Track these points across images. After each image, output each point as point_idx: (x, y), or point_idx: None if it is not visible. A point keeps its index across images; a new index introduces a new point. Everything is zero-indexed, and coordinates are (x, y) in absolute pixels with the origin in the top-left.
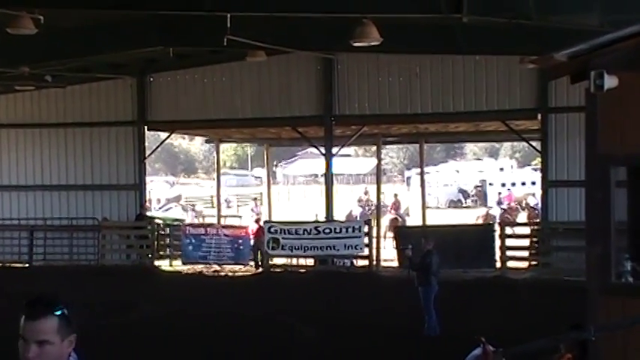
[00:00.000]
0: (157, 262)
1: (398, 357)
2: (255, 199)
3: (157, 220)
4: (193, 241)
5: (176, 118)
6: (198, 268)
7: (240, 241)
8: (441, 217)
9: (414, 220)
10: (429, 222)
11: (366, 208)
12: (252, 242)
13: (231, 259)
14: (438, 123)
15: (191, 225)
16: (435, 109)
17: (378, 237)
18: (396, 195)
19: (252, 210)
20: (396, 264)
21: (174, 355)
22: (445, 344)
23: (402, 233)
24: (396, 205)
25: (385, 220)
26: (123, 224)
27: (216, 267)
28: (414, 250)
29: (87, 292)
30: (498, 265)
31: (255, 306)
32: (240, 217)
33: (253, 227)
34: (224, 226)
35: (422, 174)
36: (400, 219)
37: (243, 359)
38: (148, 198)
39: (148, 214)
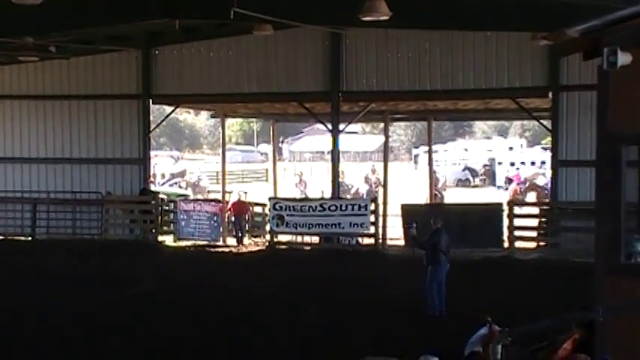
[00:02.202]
0: (160, 238)
1: (400, 336)
2: (300, 174)
3: (161, 195)
4: (185, 217)
5: (181, 92)
6: (200, 243)
7: (215, 218)
8: (449, 196)
9: (421, 198)
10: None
11: (373, 185)
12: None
13: (207, 235)
14: (446, 100)
15: (185, 200)
16: (444, 86)
17: (384, 215)
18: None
19: (296, 185)
20: (402, 242)
21: (176, 330)
22: (450, 323)
23: (408, 211)
24: (434, 181)
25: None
26: (126, 199)
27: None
28: (420, 228)
29: (90, 267)
30: (506, 245)
31: (258, 283)
32: (230, 192)
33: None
34: (204, 201)
35: (430, 152)
36: (439, 194)
37: (242, 336)
38: (152, 172)
39: (152, 189)
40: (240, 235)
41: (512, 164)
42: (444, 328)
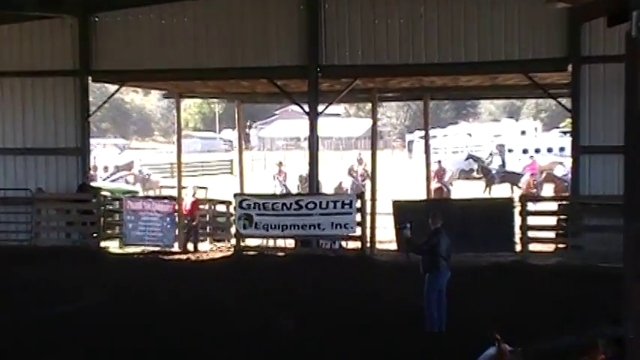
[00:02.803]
0: (103, 243)
1: (393, 357)
2: (280, 164)
3: (103, 192)
4: (133, 218)
5: (127, 68)
6: (151, 249)
7: (168, 219)
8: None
9: (416, 192)
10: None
11: (359, 178)
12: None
13: (159, 240)
14: (446, 76)
15: (132, 198)
16: (443, 59)
17: (372, 213)
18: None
19: (274, 177)
20: (395, 246)
21: (124, 349)
22: (452, 341)
23: (401, 209)
24: (440, 173)
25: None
26: (62, 196)
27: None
28: (415, 229)
29: (19, 279)
30: (518, 248)
31: (223, 294)
32: (186, 188)
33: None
34: (156, 199)
35: (426, 137)
36: (445, 189)
37: (207, 355)
38: (92, 165)
39: (93, 184)
40: (194, 240)
41: (525, 151)
42: (445, 347)
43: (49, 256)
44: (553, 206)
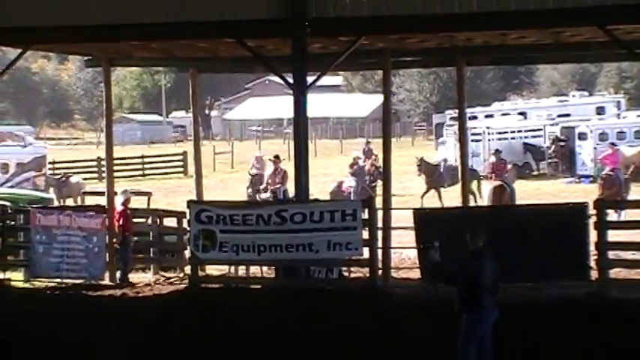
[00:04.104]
0: (2, 274)
1: None
2: (276, 158)
3: (1, 202)
4: (45, 238)
5: (33, 24)
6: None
7: (95, 238)
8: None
9: (447, 198)
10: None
11: (367, 177)
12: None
13: (83, 269)
14: (488, 30)
15: (43, 210)
16: (484, 7)
17: (385, 228)
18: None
19: (269, 180)
20: (417, 274)
21: None
22: None
23: (426, 221)
24: (499, 167)
25: (484, 191)
26: None
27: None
28: (445, 249)
29: None
30: (594, 274)
31: (168, 349)
32: (116, 193)
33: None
34: (77, 211)
35: (461, 119)
36: (508, 189)
37: None
38: None
39: None
40: (124, 267)
41: (604, 137)
42: None
43: None
44: None
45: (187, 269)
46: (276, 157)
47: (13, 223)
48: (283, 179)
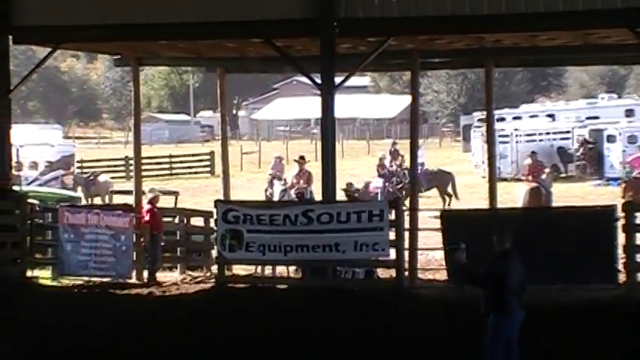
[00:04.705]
0: (30, 273)
1: None
2: (301, 159)
3: (30, 200)
4: (73, 236)
5: (63, 23)
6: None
7: (122, 237)
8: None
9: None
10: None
11: (394, 178)
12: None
13: (110, 267)
14: (517, 32)
15: (71, 209)
16: (513, 8)
17: (412, 229)
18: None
19: (293, 180)
20: (444, 275)
21: None
22: None
23: (453, 222)
24: (536, 169)
25: (520, 193)
26: None
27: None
28: (472, 251)
29: None
30: (622, 277)
31: (194, 349)
32: (147, 193)
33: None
34: (105, 210)
35: (489, 120)
36: (544, 190)
37: None
38: (15, 161)
39: (16, 188)
40: (152, 265)
41: (633, 140)
42: None
43: None
44: None
45: (214, 269)
46: (301, 157)
47: (41, 221)
48: (308, 180)
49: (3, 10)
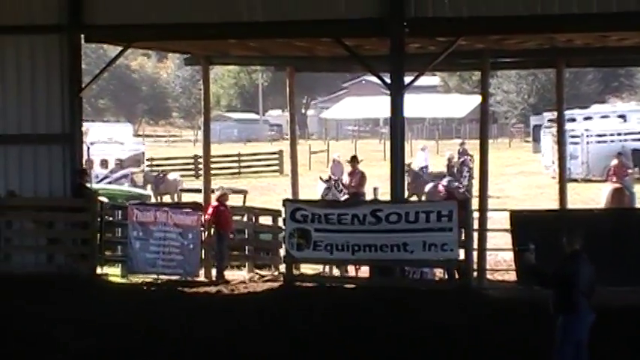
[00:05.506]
0: (99, 270)
1: None
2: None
3: (101, 198)
4: (142, 234)
5: (133, 22)
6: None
7: (191, 235)
8: (593, 195)
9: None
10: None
11: (462, 178)
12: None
13: (179, 265)
14: (589, 32)
15: (141, 206)
16: (585, 8)
17: (481, 230)
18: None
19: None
20: (513, 276)
21: None
22: None
23: (522, 223)
24: (622, 170)
25: (603, 193)
26: (43, 203)
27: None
28: (542, 251)
29: None
30: None
31: (262, 351)
32: (216, 191)
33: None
34: (173, 208)
35: (560, 120)
36: (627, 192)
37: None
38: (86, 158)
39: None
40: (219, 264)
41: None
42: None
43: (23, 287)
44: None
45: (282, 267)
46: (354, 157)
47: (111, 218)
48: (361, 181)
49: (75, 9)
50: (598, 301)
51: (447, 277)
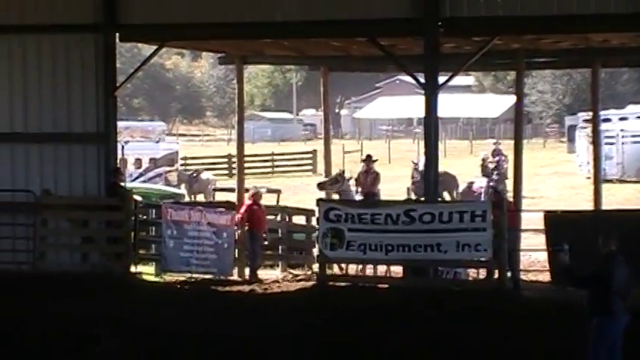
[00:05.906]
0: (134, 268)
1: None
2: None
3: (135, 197)
4: (176, 233)
5: (168, 21)
6: (200, 277)
7: (224, 234)
8: (629, 196)
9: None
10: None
11: (497, 178)
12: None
13: (212, 264)
14: (624, 32)
15: (175, 205)
16: (620, 8)
17: (516, 229)
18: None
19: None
20: (547, 276)
21: None
22: None
23: (557, 224)
24: None
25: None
26: (77, 202)
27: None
28: (575, 252)
29: (15, 317)
30: None
31: (294, 350)
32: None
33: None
34: (207, 207)
35: (595, 121)
36: None
37: None
38: (120, 157)
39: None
40: (253, 263)
41: None
42: None
43: (57, 286)
44: None
45: (315, 267)
46: (368, 156)
47: (145, 217)
48: (375, 181)
49: (110, 8)
50: (633, 303)
51: (485, 276)
